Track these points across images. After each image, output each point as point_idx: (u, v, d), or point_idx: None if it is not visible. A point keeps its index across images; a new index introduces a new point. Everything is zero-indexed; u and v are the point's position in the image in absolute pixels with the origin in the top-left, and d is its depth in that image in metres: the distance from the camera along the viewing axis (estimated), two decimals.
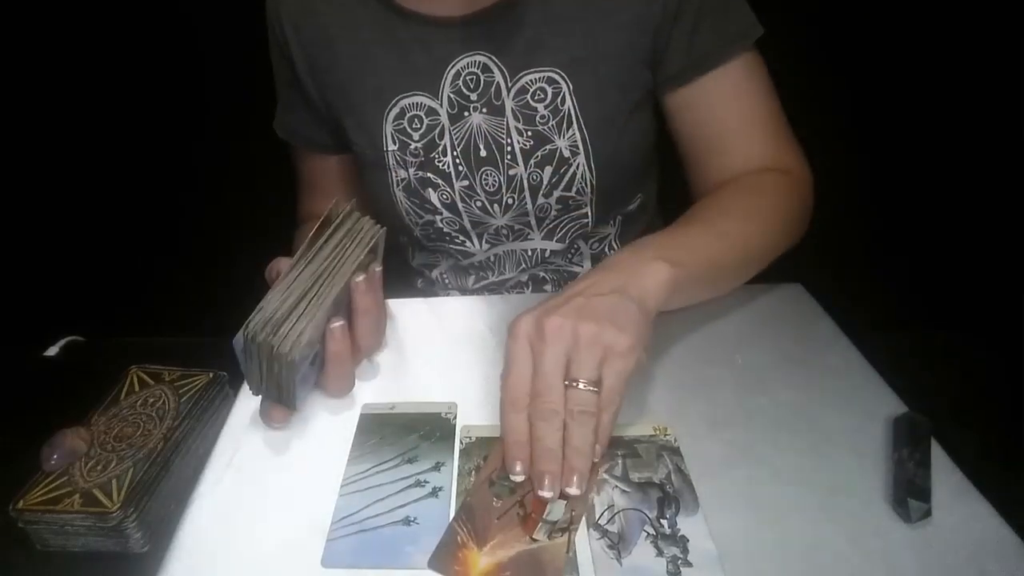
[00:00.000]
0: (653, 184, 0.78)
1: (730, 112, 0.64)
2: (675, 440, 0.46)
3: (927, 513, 0.39)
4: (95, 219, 1.18)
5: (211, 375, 0.63)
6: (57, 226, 1.18)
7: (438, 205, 0.68)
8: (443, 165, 0.66)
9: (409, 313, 0.62)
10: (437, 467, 0.45)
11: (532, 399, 0.42)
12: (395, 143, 0.66)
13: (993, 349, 0.72)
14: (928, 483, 0.41)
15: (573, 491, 0.41)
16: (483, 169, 0.66)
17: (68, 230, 1.19)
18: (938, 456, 0.44)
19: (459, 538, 0.40)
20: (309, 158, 0.78)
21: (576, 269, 0.75)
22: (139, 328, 0.83)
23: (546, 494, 0.41)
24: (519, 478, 0.42)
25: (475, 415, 0.49)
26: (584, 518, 0.41)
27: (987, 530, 0.39)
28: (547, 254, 0.73)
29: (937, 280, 1.10)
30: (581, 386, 0.41)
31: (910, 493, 0.40)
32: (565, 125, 0.64)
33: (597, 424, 0.41)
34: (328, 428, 0.50)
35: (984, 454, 0.47)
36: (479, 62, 0.63)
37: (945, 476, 0.42)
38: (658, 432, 0.47)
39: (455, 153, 0.66)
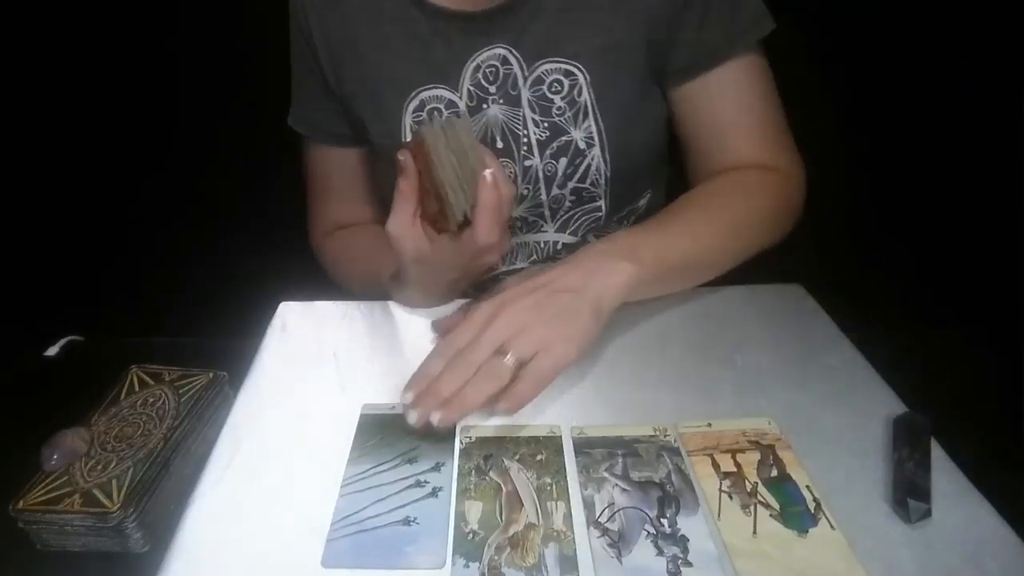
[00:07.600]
0: (663, 183, 0.78)
1: (728, 108, 0.65)
2: (675, 440, 0.46)
3: (927, 513, 0.39)
4: (95, 219, 1.18)
5: (211, 375, 0.63)
6: (57, 226, 1.18)
7: None
8: None
9: (409, 313, 0.62)
10: (437, 467, 0.45)
11: (459, 352, 0.47)
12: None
13: (994, 348, 0.72)
14: (928, 483, 0.41)
15: (435, 419, 0.45)
16: (499, 160, 0.66)
17: (68, 230, 1.18)
18: (938, 456, 0.44)
19: None
20: (326, 157, 0.76)
21: None
22: (139, 328, 0.83)
23: (409, 419, 0.46)
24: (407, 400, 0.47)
25: (475, 415, 0.49)
26: (584, 517, 0.41)
27: (987, 530, 0.39)
28: (559, 247, 0.72)
29: (937, 279, 1.10)
30: (507, 359, 0.45)
31: (910, 493, 0.40)
32: (581, 117, 0.64)
33: (503, 392, 0.45)
34: (328, 428, 0.49)
35: (984, 454, 0.47)
36: (499, 55, 0.63)
37: (945, 476, 0.42)
38: (658, 432, 0.47)
39: None
